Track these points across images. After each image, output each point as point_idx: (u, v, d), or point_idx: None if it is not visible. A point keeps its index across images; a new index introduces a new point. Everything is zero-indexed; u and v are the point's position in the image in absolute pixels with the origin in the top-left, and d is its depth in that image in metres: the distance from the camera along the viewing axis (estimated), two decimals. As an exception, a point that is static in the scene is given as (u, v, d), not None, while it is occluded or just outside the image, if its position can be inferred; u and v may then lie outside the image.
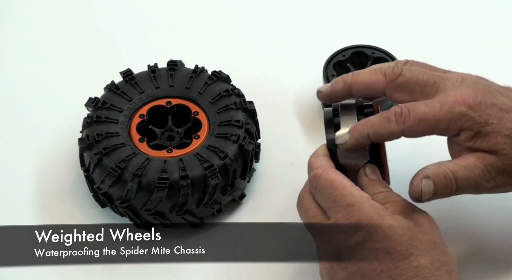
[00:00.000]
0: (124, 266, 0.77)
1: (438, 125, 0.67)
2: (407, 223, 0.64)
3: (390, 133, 0.68)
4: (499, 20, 1.00)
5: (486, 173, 0.67)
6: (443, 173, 0.66)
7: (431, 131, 0.68)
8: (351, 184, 0.67)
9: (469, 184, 0.67)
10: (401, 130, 0.67)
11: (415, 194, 0.67)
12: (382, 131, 0.67)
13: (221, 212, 0.80)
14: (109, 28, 1.00)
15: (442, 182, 0.66)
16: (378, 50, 0.89)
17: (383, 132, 0.67)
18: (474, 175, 0.67)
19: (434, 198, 0.67)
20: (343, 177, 0.67)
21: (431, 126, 0.67)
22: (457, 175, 0.67)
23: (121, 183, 0.75)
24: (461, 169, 0.67)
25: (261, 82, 0.92)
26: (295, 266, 0.75)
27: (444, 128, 0.67)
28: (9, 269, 0.77)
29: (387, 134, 0.68)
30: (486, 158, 0.67)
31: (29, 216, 0.80)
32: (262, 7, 1.03)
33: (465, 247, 0.76)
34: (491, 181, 0.67)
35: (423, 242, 0.63)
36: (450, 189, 0.67)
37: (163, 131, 0.82)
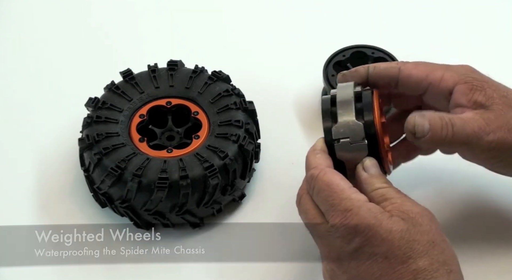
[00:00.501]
0: (124, 266, 0.77)
1: (433, 71, 0.70)
2: (405, 225, 0.63)
3: (387, 68, 0.71)
4: (499, 20, 1.00)
5: (484, 124, 0.67)
6: (439, 116, 0.67)
7: (426, 77, 0.70)
8: (349, 185, 0.66)
9: (466, 132, 0.67)
10: (398, 66, 0.71)
11: (409, 127, 0.68)
12: (381, 65, 0.71)
13: (221, 212, 0.80)
14: (109, 28, 1.00)
15: (438, 123, 0.67)
16: (378, 50, 0.89)
17: (381, 66, 0.71)
18: (472, 126, 0.67)
19: (430, 141, 0.67)
20: (340, 177, 0.66)
21: (426, 70, 0.70)
22: (454, 121, 0.67)
23: (121, 183, 0.75)
24: (458, 119, 0.68)
25: (261, 82, 0.92)
26: (295, 266, 0.75)
27: (439, 77, 0.70)
28: (9, 269, 0.77)
29: (384, 68, 0.71)
30: (484, 113, 0.68)
31: (29, 216, 0.80)
32: (262, 8, 1.03)
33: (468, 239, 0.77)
34: (491, 134, 0.67)
35: (421, 244, 0.62)
36: (447, 132, 0.67)
37: (163, 131, 0.82)
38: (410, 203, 0.65)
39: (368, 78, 0.71)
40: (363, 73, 0.71)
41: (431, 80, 0.70)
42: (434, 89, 0.70)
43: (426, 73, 0.70)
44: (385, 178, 0.68)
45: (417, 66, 0.71)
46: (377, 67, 0.71)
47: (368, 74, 0.71)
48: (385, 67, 0.71)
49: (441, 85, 0.70)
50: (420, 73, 0.70)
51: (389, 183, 0.67)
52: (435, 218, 0.65)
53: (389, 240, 0.62)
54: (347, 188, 0.65)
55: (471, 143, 0.67)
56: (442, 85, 0.70)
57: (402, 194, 0.66)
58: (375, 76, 0.71)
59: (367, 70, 0.71)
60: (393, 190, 0.66)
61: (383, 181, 0.67)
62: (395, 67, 0.71)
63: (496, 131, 0.67)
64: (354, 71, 0.72)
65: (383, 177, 0.67)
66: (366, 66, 0.72)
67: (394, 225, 0.63)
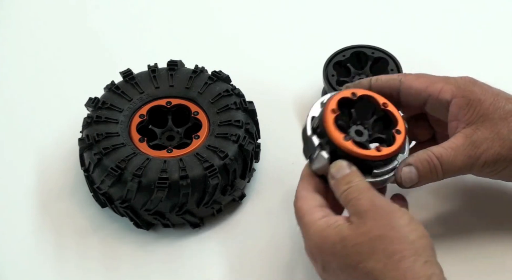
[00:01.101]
0: (124, 266, 0.77)
1: (432, 84, 0.71)
2: (348, 231, 0.64)
3: (389, 79, 0.73)
4: (498, 20, 1.00)
5: (474, 150, 0.69)
6: (426, 159, 0.69)
7: (425, 89, 0.71)
8: (310, 207, 0.68)
9: (457, 166, 0.69)
10: (399, 79, 0.72)
11: (397, 181, 0.70)
12: (383, 77, 0.73)
13: (221, 212, 0.80)
14: (109, 28, 1.00)
15: (426, 168, 0.69)
16: (378, 50, 0.89)
17: (383, 78, 0.73)
18: (462, 158, 0.69)
19: (422, 183, 0.70)
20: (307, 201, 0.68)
21: (426, 83, 0.71)
22: (442, 159, 0.69)
23: (121, 183, 0.75)
24: (447, 151, 0.69)
25: (261, 82, 0.92)
26: (296, 265, 0.75)
27: (438, 89, 0.71)
28: (9, 269, 0.77)
29: (386, 80, 0.73)
30: (475, 132, 0.69)
31: (29, 216, 0.80)
32: (262, 8, 1.03)
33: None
34: (482, 156, 0.69)
35: (365, 244, 0.63)
36: (436, 173, 0.69)
37: (163, 131, 0.82)
38: (363, 200, 0.66)
39: (371, 89, 0.73)
40: (366, 85, 0.73)
41: (430, 92, 0.72)
42: (433, 101, 0.72)
43: (426, 85, 0.72)
44: (351, 176, 0.68)
45: (418, 78, 0.72)
46: (379, 79, 0.73)
47: (371, 86, 0.73)
48: (387, 79, 0.73)
49: (439, 97, 0.71)
50: (420, 85, 0.72)
51: (354, 181, 0.67)
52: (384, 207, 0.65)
53: (335, 253, 0.64)
54: (307, 211, 0.68)
55: (464, 171, 0.70)
56: (440, 97, 0.71)
57: (360, 189, 0.66)
58: (377, 88, 0.73)
59: (370, 82, 0.73)
60: (353, 189, 0.67)
61: (346, 182, 0.67)
62: (396, 79, 0.73)
63: (488, 151, 0.69)
64: (358, 84, 0.74)
65: (348, 177, 0.68)
66: (369, 78, 0.74)
67: (337, 236, 0.64)
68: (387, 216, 0.64)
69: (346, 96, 0.71)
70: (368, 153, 0.68)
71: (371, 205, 0.65)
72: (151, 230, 0.79)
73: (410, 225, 0.64)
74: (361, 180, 0.67)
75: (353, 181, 0.67)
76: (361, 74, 0.88)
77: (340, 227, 0.65)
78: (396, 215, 0.64)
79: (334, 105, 0.69)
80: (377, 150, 0.69)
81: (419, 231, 0.64)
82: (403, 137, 0.70)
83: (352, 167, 0.68)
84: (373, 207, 0.65)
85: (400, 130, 0.70)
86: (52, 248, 0.78)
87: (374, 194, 0.66)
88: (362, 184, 0.67)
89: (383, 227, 0.63)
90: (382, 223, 0.64)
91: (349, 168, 0.68)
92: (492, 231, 0.78)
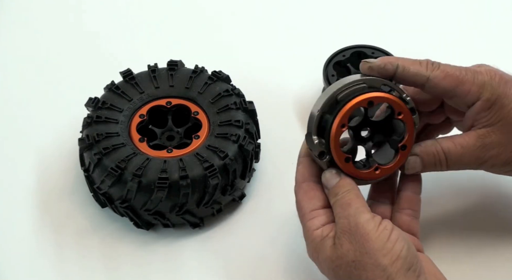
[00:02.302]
0: (124, 266, 0.77)
1: (460, 85, 0.69)
2: (330, 252, 0.65)
3: (416, 74, 0.69)
4: (498, 20, 1.00)
5: (483, 153, 0.69)
6: (433, 152, 0.69)
7: (453, 89, 0.69)
8: (309, 210, 0.68)
9: (462, 163, 0.69)
10: (427, 75, 0.69)
11: (401, 167, 0.70)
12: (411, 69, 0.69)
13: (221, 212, 0.80)
14: (109, 28, 1.00)
15: (431, 160, 0.69)
16: (378, 50, 0.89)
17: (412, 70, 0.69)
18: (469, 157, 0.69)
19: (425, 171, 0.70)
20: (308, 199, 0.68)
21: (454, 83, 0.69)
22: (449, 155, 0.69)
23: (121, 183, 0.75)
24: (456, 147, 0.69)
25: (261, 82, 0.92)
26: (295, 265, 0.75)
27: (466, 91, 0.69)
28: (9, 269, 0.77)
29: (413, 74, 0.69)
30: (488, 135, 0.69)
31: (29, 216, 0.80)
32: (262, 8, 1.03)
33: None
34: (490, 161, 0.69)
35: (343, 268, 0.64)
36: (441, 166, 0.69)
37: (163, 131, 0.82)
38: (343, 218, 0.66)
39: (394, 77, 0.69)
40: (391, 72, 0.69)
41: (458, 93, 0.69)
42: (459, 101, 0.70)
43: (453, 86, 0.69)
44: (337, 188, 0.68)
45: (446, 77, 0.69)
46: (406, 71, 0.69)
47: (396, 75, 0.69)
48: (414, 74, 0.69)
49: (466, 99, 0.69)
50: (447, 85, 0.69)
51: (339, 194, 0.67)
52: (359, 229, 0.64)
53: (325, 268, 0.67)
54: (307, 214, 0.68)
55: (470, 168, 0.70)
56: (467, 99, 0.69)
57: (342, 205, 0.66)
58: (401, 78, 0.69)
59: (395, 70, 0.69)
60: (337, 204, 0.67)
61: (333, 195, 0.68)
62: (425, 76, 0.69)
63: (497, 156, 0.69)
64: (383, 68, 0.69)
65: (335, 189, 0.68)
66: (396, 64, 0.69)
67: (324, 253, 0.66)
68: (362, 239, 0.64)
69: (361, 106, 0.67)
70: (366, 174, 0.68)
71: (348, 226, 0.65)
72: (151, 230, 0.79)
73: (384, 248, 0.63)
74: (346, 190, 0.67)
75: (338, 194, 0.67)
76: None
77: (326, 245, 0.66)
78: (371, 237, 0.64)
79: (345, 120, 0.67)
80: (375, 170, 0.69)
81: (394, 254, 0.63)
82: (406, 156, 0.69)
83: (342, 175, 0.68)
84: (350, 228, 0.65)
85: (405, 147, 0.69)
86: (52, 248, 0.78)
87: (355, 210, 0.65)
88: (348, 196, 0.67)
89: (358, 252, 0.64)
90: (357, 247, 0.64)
91: (337, 177, 0.68)
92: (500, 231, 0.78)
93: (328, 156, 0.68)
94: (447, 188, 0.81)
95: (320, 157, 0.68)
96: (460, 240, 0.77)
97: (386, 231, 0.64)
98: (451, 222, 0.79)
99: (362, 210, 0.65)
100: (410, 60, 0.70)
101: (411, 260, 0.64)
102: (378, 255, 0.63)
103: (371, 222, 0.65)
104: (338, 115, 0.67)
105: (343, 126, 0.67)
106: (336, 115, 0.67)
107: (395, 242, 0.64)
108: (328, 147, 0.67)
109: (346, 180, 0.68)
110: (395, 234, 0.64)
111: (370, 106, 0.67)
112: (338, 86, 0.67)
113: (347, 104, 0.66)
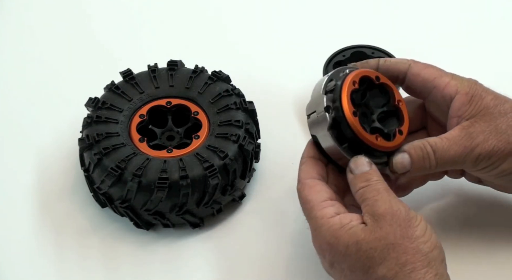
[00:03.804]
0: (124, 266, 0.77)
1: (439, 77, 0.71)
2: (362, 234, 0.64)
3: (398, 62, 0.73)
4: (498, 21, 1.00)
5: (469, 142, 0.69)
6: (420, 146, 0.69)
7: (432, 80, 0.71)
8: (319, 201, 0.67)
9: (450, 155, 0.69)
10: (408, 63, 0.72)
11: (389, 168, 0.70)
12: (392, 59, 0.73)
13: (221, 212, 0.80)
14: (109, 28, 1.00)
15: (419, 154, 0.69)
16: (378, 50, 0.89)
17: (392, 60, 0.73)
18: (456, 148, 0.69)
19: (415, 172, 0.69)
20: (316, 192, 0.68)
21: (434, 74, 0.71)
22: (436, 147, 0.69)
23: (121, 183, 0.75)
24: (442, 141, 0.69)
25: (261, 82, 0.92)
26: (295, 265, 0.75)
27: (445, 83, 0.71)
28: (9, 269, 0.77)
29: (395, 62, 0.73)
30: (472, 125, 0.69)
31: (29, 216, 0.80)
32: (262, 8, 1.03)
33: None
34: (477, 148, 0.68)
35: (378, 250, 0.63)
36: (429, 161, 0.69)
37: (163, 131, 0.82)
38: (381, 202, 0.65)
39: (377, 70, 0.72)
40: (374, 65, 0.73)
41: (437, 84, 0.71)
42: (438, 94, 0.72)
43: (434, 77, 0.72)
44: (370, 174, 0.68)
45: (427, 68, 0.72)
46: (387, 61, 0.73)
47: (378, 66, 0.73)
48: (396, 61, 0.73)
49: (444, 91, 0.71)
50: (428, 75, 0.72)
51: (372, 180, 0.67)
52: (401, 214, 0.64)
53: (348, 254, 0.64)
54: (317, 204, 0.67)
55: (457, 163, 0.70)
56: (445, 91, 0.71)
57: (379, 190, 0.66)
58: (384, 68, 0.72)
59: (378, 63, 0.73)
60: (371, 189, 0.67)
61: (364, 180, 0.67)
62: (406, 63, 0.72)
63: (483, 143, 0.69)
64: (366, 63, 0.73)
65: (367, 175, 0.68)
66: (377, 59, 0.73)
67: (351, 238, 0.64)
68: (404, 224, 0.64)
69: (369, 76, 0.70)
70: (369, 137, 0.68)
71: (388, 209, 0.65)
72: (151, 230, 0.79)
73: (425, 235, 0.64)
74: (380, 180, 0.67)
75: (371, 179, 0.67)
76: (361, 74, 0.88)
77: (355, 228, 0.64)
78: (413, 223, 0.64)
79: (356, 78, 0.69)
80: (376, 138, 0.69)
81: (432, 243, 0.64)
82: (403, 139, 0.70)
83: (373, 166, 0.68)
84: (390, 212, 0.64)
85: (402, 132, 0.70)
86: (52, 248, 0.78)
87: (392, 196, 0.66)
88: (381, 184, 0.67)
89: (399, 235, 0.63)
90: (398, 231, 0.64)
91: (369, 165, 0.68)
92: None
93: (333, 112, 0.68)
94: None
95: (327, 110, 0.68)
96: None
97: (424, 222, 0.65)
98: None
99: (399, 199, 0.66)
100: (395, 60, 0.73)
101: (443, 253, 0.65)
102: (419, 241, 0.63)
103: (411, 211, 0.65)
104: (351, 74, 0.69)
105: (354, 84, 0.69)
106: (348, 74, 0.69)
107: (432, 233, 0.65)
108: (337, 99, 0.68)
109: (377, 171, 0.68)
110: (430, 227, 0.65)
111: (377, 80, 0.70)
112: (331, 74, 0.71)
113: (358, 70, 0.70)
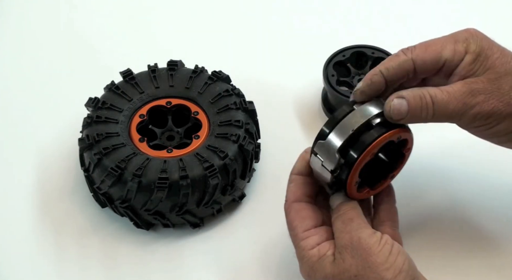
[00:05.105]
0: (124, 266, 0.77)
1: (444, 49, 0.68)
2: (329, 268, 0.65)
3: (400, 64, 0.69)
4: (499, 22, 1.00)
5: (469, 98, 0.67)
6: (420, 95, 0.67)
7: (438, 55, 0.68)
8: (303, 229, 0.68)
9: (449, 109, 0.67)
10: (409, 58, 0.69)
11: (386, 112, 0.67)
12: (392, 64, 0.69)
13: (221, 212, 0.80)
14: (109, 28, 1.00)
15: (417, 103, 0.67)
16: (378, 50, 0.89)
17: (394, 64, 0.69)
18: (456, 102, 0.67)
19: (410, 120, 0.67)
20: (301, 219, 0.69)
21: (437, 50, 0.69)
22: (435, 99, 0.67)
23: (121, 183, 0.75)
24: (442, 93, 0.67)
25: (261, 82, 0.92)
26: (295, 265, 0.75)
27: (451, 52, 0.68)
28: (9, 269, 0.77)
29: (398, 65, 0.69)
30: (474, 82, 0.67)
31: (29, 216, 0.80)
32: (262, 8, 1.03)
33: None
34: (477, 107, 0.67)
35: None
36: (427, 112, 0.67)
37: (163, 131, 0.82)
38: (344, 233, 0.66)
39: (387, 83, 0.69)
40: (380, 81, 0.69)
41: (445, 57, 0.69)
42: (450, 64, 0.69)
43: (438, 53, 0.69)
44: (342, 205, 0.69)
45: (427, 49, 0.69)
46: (389, 69, 0.69)
47: (385, 78, 0.69)
48: (398, 65, 0.69)
49: (455, 58, 0.69)
50: (433, 54, 0.69)
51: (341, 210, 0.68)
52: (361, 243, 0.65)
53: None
54: (300, 233, 0.68)
55: (453, 118, 0.68)
56: (456, 58, 0.69)
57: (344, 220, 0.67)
58: (391, 77, 0.69)
59: (382, 76, 0.69)
60: (338, 220, 0.68)
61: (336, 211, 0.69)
62: (408, 60, 0.69)
63: (484, 102, 0.67)
64: (371, 84, 0.69)
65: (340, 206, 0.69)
66: (378, 72, 0.69)
67: (323, 271, 0.66)
68: (364, 254, 0.64)
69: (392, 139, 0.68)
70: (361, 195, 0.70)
71: (350, 240, 0.65)
72: (151, 230, 0.79)
73: (387, 261, 0.64)
74: (350, 209, 0.68)
75: (341, 210, 0.68)
76: (361, 74, 0.88)
77: (325, 262, 0.66)
78: (373, 251, 0.64)
79: (368, 156, 0.67)
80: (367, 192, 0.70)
81: (397, 267, 0.64)
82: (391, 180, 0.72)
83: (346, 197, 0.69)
84: (350, 243, 0.65)
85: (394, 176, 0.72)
86: (52, 248, 0.78)
87: (357, 225, 0.66)
88: (350, 213, 0.68)
89: (360, 266, 0.64)
90: (359, 261, 0.64)
91: (342, 197, 0.69)
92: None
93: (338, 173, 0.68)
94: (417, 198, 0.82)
95: (333, 172, 0.67)
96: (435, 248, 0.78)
97: (388, 246, 0.65)
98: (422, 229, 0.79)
99: (364, 225, 0.66)
100: (387, 59, 0.70)
101: (412, 274, 0.64)
102: (381, 269, 0.63)
103: (373, 237, 0.65)
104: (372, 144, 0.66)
105: (362, 166, 0.67)
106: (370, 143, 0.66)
107: (397, 256, 0.64)
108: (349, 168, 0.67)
109: (350, 200, 0.69)
110: (396, 248, 0.65)
111: (398, 140, 0.68)
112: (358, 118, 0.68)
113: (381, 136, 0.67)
